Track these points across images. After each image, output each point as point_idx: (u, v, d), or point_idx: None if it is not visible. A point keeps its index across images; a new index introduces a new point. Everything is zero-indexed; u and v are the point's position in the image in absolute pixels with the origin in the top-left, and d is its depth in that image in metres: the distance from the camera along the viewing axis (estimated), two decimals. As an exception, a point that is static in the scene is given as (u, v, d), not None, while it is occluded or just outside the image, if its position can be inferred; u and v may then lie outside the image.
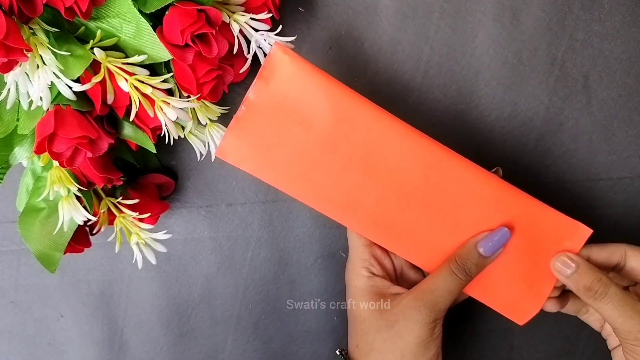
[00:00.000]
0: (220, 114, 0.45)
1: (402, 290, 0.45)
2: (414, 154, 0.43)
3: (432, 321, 0.43)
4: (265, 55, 0.42)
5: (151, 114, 0.39)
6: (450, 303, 0.43)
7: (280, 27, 0.42)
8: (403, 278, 0.48)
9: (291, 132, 0.42)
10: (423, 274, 0.49)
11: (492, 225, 0.44)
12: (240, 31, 0.41)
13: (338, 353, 0.47)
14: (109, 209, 0.45)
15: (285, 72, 0.41)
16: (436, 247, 0.45)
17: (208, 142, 0.45)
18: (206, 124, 0.44)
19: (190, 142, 0.46)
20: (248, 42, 0.42)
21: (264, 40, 0.41)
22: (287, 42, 0.42)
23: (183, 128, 0.44)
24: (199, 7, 0.38)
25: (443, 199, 0.44)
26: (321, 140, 0.42)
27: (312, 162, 0.43)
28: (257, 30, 0.41)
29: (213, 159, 0.47)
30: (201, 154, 0.46)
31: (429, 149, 0.43)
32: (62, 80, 0.37)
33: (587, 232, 0.45)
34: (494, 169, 0.46)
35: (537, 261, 0.45)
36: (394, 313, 0.43)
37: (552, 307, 0.46)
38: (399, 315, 0.43)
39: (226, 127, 0.44)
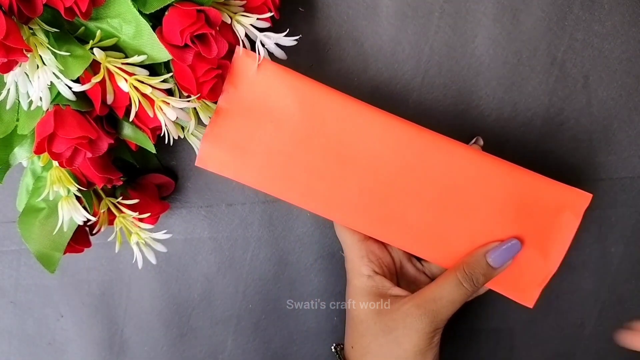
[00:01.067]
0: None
1: (403, 293, 0.45)
2: (385, 137, 0.43)
3: (432, 330, 0.42)
4: (269, 53, 0.42)
5: (151, 114, 0.39)
6: (453, 312, 0.42)
7: (282, 27, 0.42)
8: (403, 273, 0.48)
9: (264, 132, 0.43)
10: (423, 271, 0.48)
11: (485, 202, 0.43)
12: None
13: (333, 349, 0.47)
14: (108, 209, 0.45)
15: (250, 75, 0.42)
16: (426, 231, 0.44)
17: None
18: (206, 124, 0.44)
19: (190, 142, 0.46)
20: (250, 41, 0.42)
21: (268, 39, 0.41)
22: (291, 40, 0.42)
23: (183, 128, 0.44)
24: (199, 8, 0.38)
25: (425, 180, 0.43)
26: (293, 136, 0.43)
27: (288, 159, 0.43)
28: (261, 31, 0.41)
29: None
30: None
31: (400, 129, 0.43)
32: (61, 80, 0.37)
33: (587, 197, 0.44)
34: (473, 140, 0.45)
35: (539, 237, 0.44)
36: (394, 318, 0.43)
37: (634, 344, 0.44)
38: (399, 321, 0.42)
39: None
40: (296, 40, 0.42)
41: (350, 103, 0.43)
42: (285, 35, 0.41)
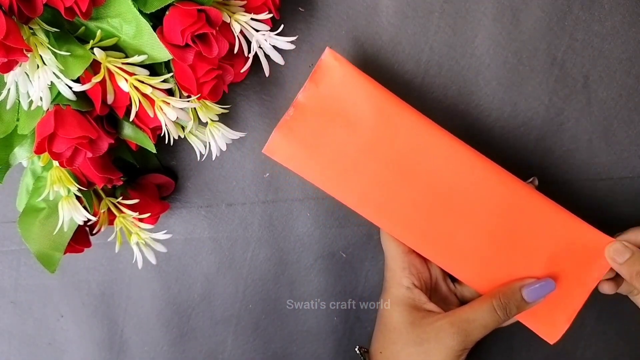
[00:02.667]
0: (220, 113, 0.45)
1: (437, 309, 0.46)
2: (449, 160, 0.44)
3: (461, 349, 0.43)
4: (265, 55, 0.42)
5: (151, 114, 0.39)
6: (482, 337, 0.44)
7: (282, 27, 0.42)
8: (436, 290, 0.49)
9: (336, 133, 0.44)
10: (454, 293, 0.49)
11: (528, 238, 0.45)
12: (241, 31, 0.41)
13: (358, 351, 0.48)
14: (109, 209, 0.45)
15: (334, 77, 0.44)
16: (470, 255, 0.46)
17: (209, 142, 0.45)
18: (207, 123, 0.44)
19: (191, 142, 0.46)
20: (248, 42, 0.42)
21: (265, 40, 0.41)
22: (287, 42, 0.42)
23: (183, 128, 0.44)
24: (199, 7, 0.38)
25: (478, 208, 0.45)
26: (363, 143, 0.44)
27: (353, 163, 0.45)
28: (257, 31, 0.41)
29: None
30: (201, 154, 0.46)
31: (465, 155, 0.45)
32: (62, 80, 0.37)
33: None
34: (530, 179, 0.47)
35: (570, 278, 0.46)
36: (426, 331, 0.44)
37: (609, 289, 0.47)
38: (431, 335, 0.44)
39: (227, 126, 0.44)
40: (293, 43, 0.42)
41: (422, 122, 0.44)
42: (283, 35, 0.41)
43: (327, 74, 0.44)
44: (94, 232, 0.46)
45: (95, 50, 0.38)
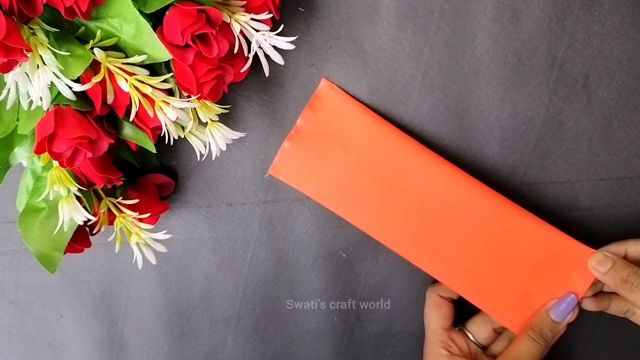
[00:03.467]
0: (220, 113, 0.45)
1: None
2: (434, 178, 0.48)
3: None
4: (265, 55, 0.42)
5: (151, 114, 0.39)
6: None
7: (282, 27, 0.42)
8: None
9: (332, 154, 0.48)
10: None
11: (512, 253, 0.48)
12: (241, 31, 0.41)
13: None
14: (109, 209, 0.45)
15: (330, 104, 0.48)
16: (456, 266, 0.49)
17: (209, 142, 0.45)
18: (207, 123, 0.44)
19: (191, 142, 0.46)
20: (248, 42, 0.42)
21: (265, 40, 0.41)
22: (287, 42, 0.42)
23: (183, 128, 0.44)
24: (199, 7, 0.38)
25: (462, 220, 0.48)
26: (357, 163, 0.48)
27: (348, 181, 0.48)
28: (257, 31, 0.41)
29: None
30: (201, 155, 0.46)
31: (447, 173, 0.48)
32: (62, 80, 0.37)
33: (589, 252, 0.48)
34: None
35: (554, 289, 0.48)
36: None
37: (589, 305, 0.48)
38: None
39: (227, 126, 0.44)
40: (293, 43, 0.42)
41: (409, 143, 0.48)
42: (283, 35, 0.41)
43: (324, 101, 0.48)
44: (94, 232, 0.46)
45: (95, 50, 0.38)
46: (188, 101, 0.40)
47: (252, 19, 0.40)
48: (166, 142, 0.43)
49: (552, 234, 0.48)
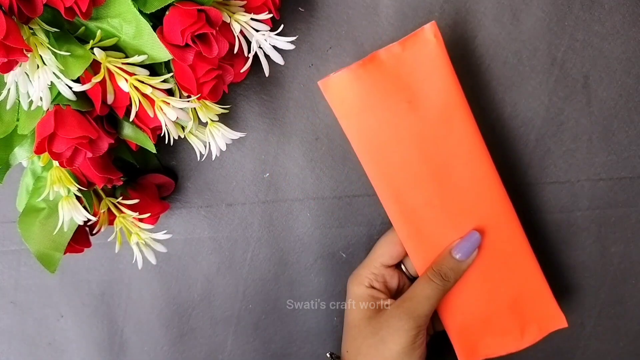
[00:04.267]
0: (220, 113, 0.45)
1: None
2: (475, 182, 0.45)
3: (413, 328, 0.44)
4: (265, 55, 0.42)
5: (151, 114, 0.39)
6: (430, 310, 0.45)
7: (282, 27, 0.42)
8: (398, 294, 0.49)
9: (396, 104, 0.43)
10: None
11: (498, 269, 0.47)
12: (241, 31, 0.41)
13: (329, 356, 0.50)
14: (109, 209, 0.45)
15: (424, 51, 0.43)
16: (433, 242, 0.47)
17: (209, 142, 0.45)
18: (207, 123, 0.44)
19: (191, 142, 0.46)
20: (248, 42, 0.42)
21: (265, 40, 0.41)
22: (287, 42, 0.42)
23: (183, 128, 0.44)
24: (199, 7, 0.38)
25: (465, 219, 0.46)
26: (417, 126, 0.44)
27: (395, 138, 0.44)
28: (257, 31, 0.41)
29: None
30: (201, 155, 0.46)
31: (490, 184, 0.46)
32: (62, 80, 0.37)
33: (562, 324, 0.49)
34: None
35: (510, 316, 0.48)
36: (379, 321, 0.45)
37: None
38: (383, 323, 0.45)
39: (227, 126, 0.44)
40: (293, 43, 0.42)
41: (476, 138, 0.45)
42: (283, 35, 0.41)
43: (419, 44, 0.43)
44: (94, 232, 0.46)
45: (95, 50, 0.38)
46: (188, 101, 0.40)
47: (252, 19, 0.40)
48: (166, 142, 0.43)
49: (542, 285, 0.48)
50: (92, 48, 0.38)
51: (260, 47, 0.42)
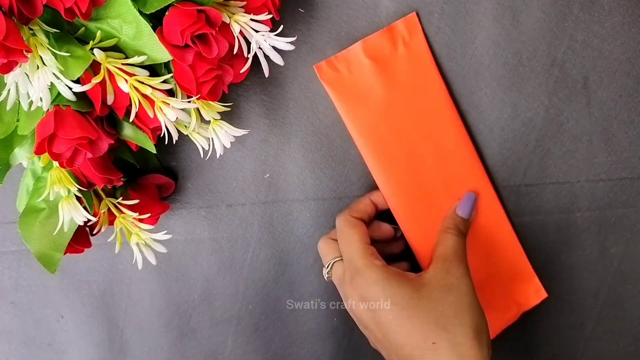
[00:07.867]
0: (222, 112, 0.45)
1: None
2: (459, 160, 0.49)
3: (467, 272, 0.45)
4: (265, 55, 0.42)
5: (151, 115, 0.39)
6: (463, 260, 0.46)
7: (282, 27, 0.42)
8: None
9: (380, 83, 0.47)
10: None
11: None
12: (241, 32, 0.41)
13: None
14: (109, 210, 0.45)
15: (404, 37, 0.48)
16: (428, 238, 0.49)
17: (212, 139, 0.44)
18: (209, 121, 0.44)
19: (193, 139, 0.45)
20: (248, 42, 0.42)
21: (264, 41, 0.41)
22: (286, 42, 0.42)
23: (186, 126, 0.44)
24: (199, 8, 0.38)
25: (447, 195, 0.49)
26: (405, 109, 0.48)
27: (382, 114, 0.48)
28: (257, 31, 0.41)
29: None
30: (205, 152, 0.45)
31: (465, 157, 0.49)
32: (61, 81, 0.37)
33: (542, 295, 0.51)
34: None
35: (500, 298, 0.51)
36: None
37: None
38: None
39: (229, 124, 0.44)
40: (293, 44, 0.42)
41: (456, 122, 0.49)
42: (283, 36, 0.41)
43: (400, 34, 0.47)
44: (94, 232, 0.46)
45: (95, 51, 0.38)
46: (188, 102, 0.40)
47: (251, 19, 0.40)
48: (166, 142, 0.43)
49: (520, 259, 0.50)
50: (92, 49, 0.38)
51: (260, 48, 0.42)
